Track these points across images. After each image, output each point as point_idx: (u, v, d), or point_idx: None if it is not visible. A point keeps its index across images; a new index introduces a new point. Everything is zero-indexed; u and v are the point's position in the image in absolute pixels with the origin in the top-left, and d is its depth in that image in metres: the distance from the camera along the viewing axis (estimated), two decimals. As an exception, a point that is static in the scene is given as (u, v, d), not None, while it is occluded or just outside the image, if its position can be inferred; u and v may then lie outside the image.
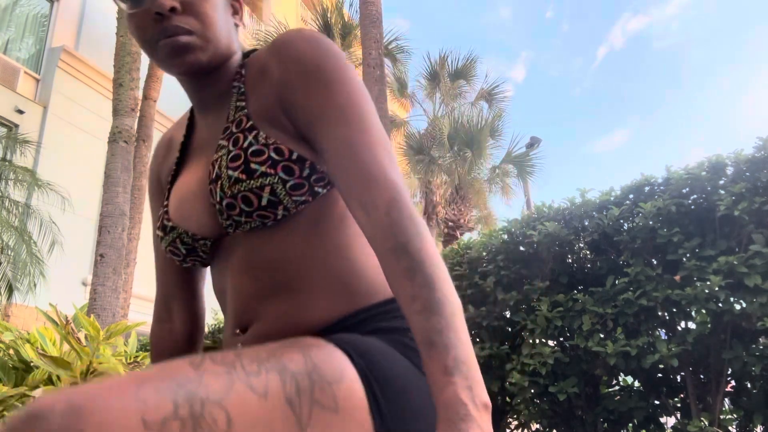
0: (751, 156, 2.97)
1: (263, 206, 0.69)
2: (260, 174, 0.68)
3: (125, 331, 2.05)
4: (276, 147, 0.69)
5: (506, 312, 3.96)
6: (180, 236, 0.77)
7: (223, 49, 0.76)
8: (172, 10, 0.71)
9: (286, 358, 0.58)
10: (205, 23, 0.73)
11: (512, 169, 12.07)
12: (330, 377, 0.58)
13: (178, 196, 0.79)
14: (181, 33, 0.71)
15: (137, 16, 0.72)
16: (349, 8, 11.55)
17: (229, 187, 0.69)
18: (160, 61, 0.74)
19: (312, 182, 0.70)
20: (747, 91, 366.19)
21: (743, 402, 3.02)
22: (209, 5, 0.74)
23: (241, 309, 0.74)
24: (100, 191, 6.14)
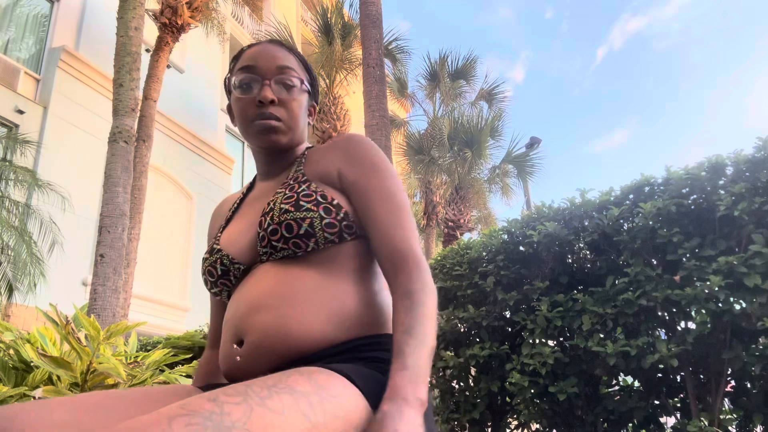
0: (750, 156, 2.97)
1: (300, 234, 0.85)
2: (305, 209, 0.86)
3: (125, 331, 2.05)
4: (322, 193, 0.89)
5: (506, 312, 3.96)
6: (221, 258, 0.94)
7: (297, 138, 1.00)
8: (272, 102, 0.95)
9: (292, 381, 0.67)
10: (292, 116, 0.98)
11: (512, 169, 12.08)
12: (334, 392, 0.68)
13: (229, 232, 0.98)
14: (273, 118, 0.95)
15: (244, 100, 0.97)
16: (349, 8, 11.55)
17: (279, 215, 0.87)
18: (251, 135, 0.97)
19: (343, 226, 0.88)
20: (747, 92, 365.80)
21: (743, 402, 3.02)
22: (297, 104, 0.98)
23: (240, 319, 0.85)
24: (100, 191, 6.15)
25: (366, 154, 0.93)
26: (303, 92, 1.00)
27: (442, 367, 4.16)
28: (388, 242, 0.86)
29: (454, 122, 11.72)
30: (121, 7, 5.97)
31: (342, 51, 11.31)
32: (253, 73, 0.96)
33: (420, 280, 0.82)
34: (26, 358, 2.01)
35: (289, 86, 0.97)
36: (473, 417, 3.83)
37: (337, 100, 11.63)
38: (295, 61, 1.01)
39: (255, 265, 0.91)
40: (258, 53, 0.98)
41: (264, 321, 0.81)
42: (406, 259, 0.84)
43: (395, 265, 0.84)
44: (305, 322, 0.80)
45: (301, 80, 0.99)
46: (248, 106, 0.96)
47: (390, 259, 0.85)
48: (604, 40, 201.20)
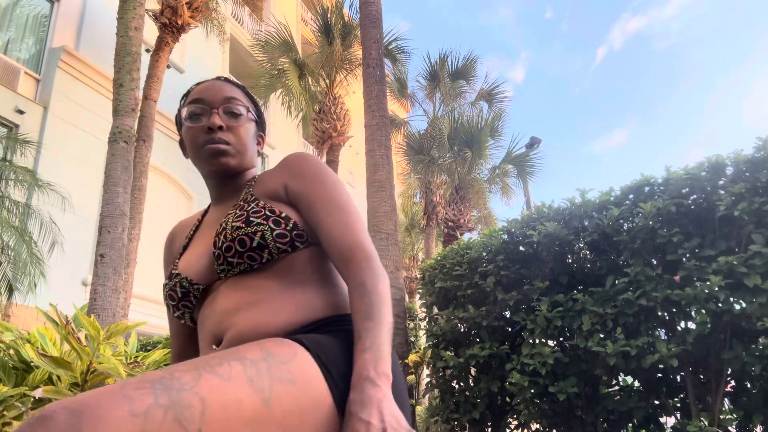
0: (750, 156, 2.97)
1: (253, 247, 0.90)
2: (256, 223, 0.92)
3: (125, 331, 2.05)
4: (270, 208, 0.95)
5: (506, 312, 3.96)
6: (180, 281, 0.98)
7: (247, 162, 1.07)
8: (220, 127, 1.02)
9: (244, 350, 0.73)
10: (239, 141, 1.04)
11: (512, 169, 12.07)
12: (284, 358, 0.74)
13: (187, 255, 1.03)
14: (222, 142, 1.02)
15: (194, 128, 1.03)
16: (349, 8, 11.54)
17: (231, 232, 0.92)
18: (202, 160, 1.03)
19: (293, 236, 0.93)
20: (747, 92, 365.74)
21: (743, 402, 3.02)
22: (244, 130, 1.06)
23: (216, 324, 0.91)
24: (101, 191, 6.15)
25: (308, 167, 0.99)
26: (249, 120, 1.08)
27: (442, 367, 4.16)
28: (335, 241, 0.92)
29: (454, 122, 11.72)
30: (121, 8, 5.97)
31: (342, 51, 11.30)
32: (201, 104, 1.04)
33: (369, 269, 0.88)
34: (26, 358, 2.02)
35: (235, 114, 1.05)
36: (473, 417, 3.83)
37: (337, 100, 11.63)
38: (241, 94, 1.09)
39: (214, 284, 0.96)
40: (206, 88, 1.06)
41: (240, 320, 0.88)
42: (353, 252, 0.90)
43: (345, 259, 0.90)
44: (273, 314, 0.88)
45: (247, 108, 1.07)
46: (198, 134, 1.03)
47: (340, 256, 0.91)
48: (604, 40, 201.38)
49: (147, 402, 0.60)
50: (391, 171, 6.17)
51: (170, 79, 10.04)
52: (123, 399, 0.59)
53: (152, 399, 0.60)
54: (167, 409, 0.60)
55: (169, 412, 0.60)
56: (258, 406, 0.67)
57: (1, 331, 2.21)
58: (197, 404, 0.62)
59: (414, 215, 18.02)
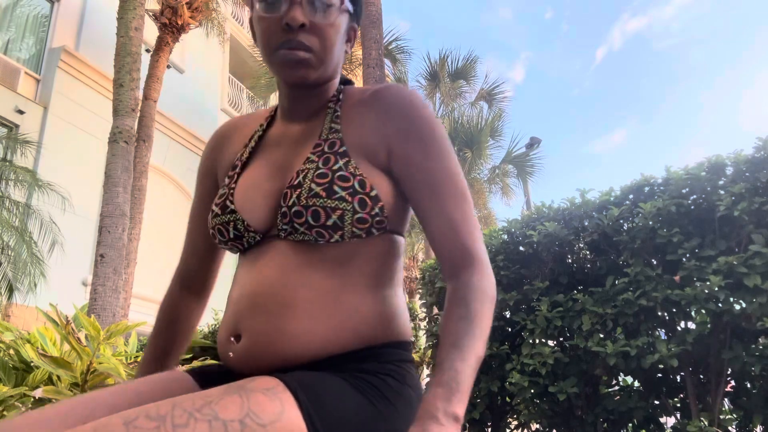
0: (750, 156, 2.97)
1: (327, 225, 0.74)
2: (339, 198, 0.74)
3: (125, 331, 2.05)
4: (361, 180, 0.76)
5: (506, 312, 3.96)
6: (235, 221, 0.81)
7: (330, 71, 0.83)
8: (302, 26, 0.77)
9: (221, 405, 0.61)
10: (325, 46, 0.80)
11: (512, 169, 12.08)
12: (264, 419, 0.61)
13: (246, 185, 0.84)
14: (301, 48, 0.78)
15: (268, 20, 0.79)
16: (349, 8, 11.54)
17: (306, 197, 0.75)
18: (274, 65, 0.81)
19: (374, 222, 0.77)
20: (747, 92, 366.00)
21: (743, 402, 3.02)
22: (333, 30, 0.80)
23: (238, 316, 0.78)
24: (101, 191, 6.14)
25: (422, 126, 0.79)
26: (342, 13, 0.82)
27: (442, 367, 4.16)
28: (452, 239, 0.76)
29: (454, 122, 11.72)
30: (121, 8, 5.97)
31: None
32: None
33: (480, 288, 0.74)
34: (26, 358, 2.02)
35: (325, 5, 0.79)
36: (473, 417, 3.83)
37: (337, 100, 11.63)
38: None
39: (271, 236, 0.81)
40: None
41: (261, 327, 0.75)
42: (469, 260, 0.76)
43: (456, 265, 0.76)
44: (299, 338, 0.74)
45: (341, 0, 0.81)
46: (273, 30, 0.79)
47: (451, 257, 0.76)
48: (604, 41, 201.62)
49: None
50: (391, 171, 6.17)
51: (170, 79, 10.04)
52: None
53: None
54: None
55: None
56: None
57: (1, 331, 2.21)
58: None
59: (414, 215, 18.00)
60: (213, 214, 0.85)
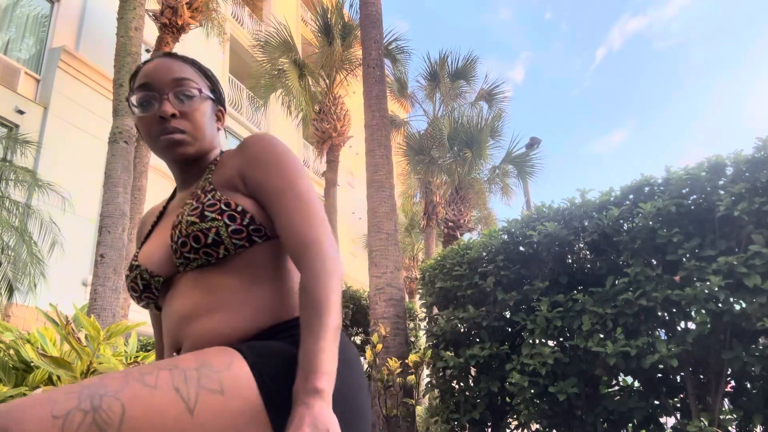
0: (750, 156, 2.97)
1: (208, 244, 0.88)
2: (210, 219, 0.89)
3: (125, 331, 2.05)
4: (226, 201, 0.91)
5: (506, 312, 3.96)
6: (141, 273, 0.96)
7: (206, 145, 1.01)
8: (173, 115, 0.96)
9: (180, 359, 0.75)
10: (195, 126, 0.98)
11: (512, 170, 12.06)
12: (217, 368, 0.75)
13: (149, 245, 1.00)
14: (177, 132, 0.96)
15: (146, 118, 0.97)
16: (349, 9, 11.54)
17: (186, 227, 0.89)
18: (159, 150, 0.98)
19: (250, 231, 0.90)
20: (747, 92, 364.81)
21: (743, 402, 3.02)
22: (199, 113, 0.99)
23: (176, 331, 0.90)
24: (101, 191, 6.14)
25: (265, 153, 0.93)
26: (204, 100, 1.01)
27: (442, 368, 4.16)
28: (288, 236, 0.88)
29: (454, 122, 11.71)
30: (121, 8, 5.97)
31: (342, 51, 11.30)
32: (150, 90, 0.97)
33: (314, 267, 0.84)
34: (26, 358, 2.02)
35: (188, 96, 0.98)
36: (473, 417, 3.83)
37: (337, 100, 11.63)
38: (191, 71, 1.01)
39: (175, 275, 0.94)
40: (153, 69, 0.99)
41: (196, 329, 0.87)
42: (305, 249, 0.86)
43: (297, 256, 0.87)
44: (230, 323, 0.86)
45: (200, 89, 1.00)
46: (151, 124, 0.97)
47: (293, 252, 0.88)
48: (604, 41, 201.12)
49: (69, 406, 0.65)
50: (391, 171, 6.17)
51: (170, 79, 10.02)
52: (48, 402, 0.65)
53: (75, 403, 0.66)
54: (87, 413, 0.65)
55: (88, 415, 0.65)
56: (181, 413, 0.69)
57: (1, 331, 2.21)
58: (117, 409, 0.67)
59: (414, 215, 18.02)
60: (125, 276, 1.01)
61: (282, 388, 0.77)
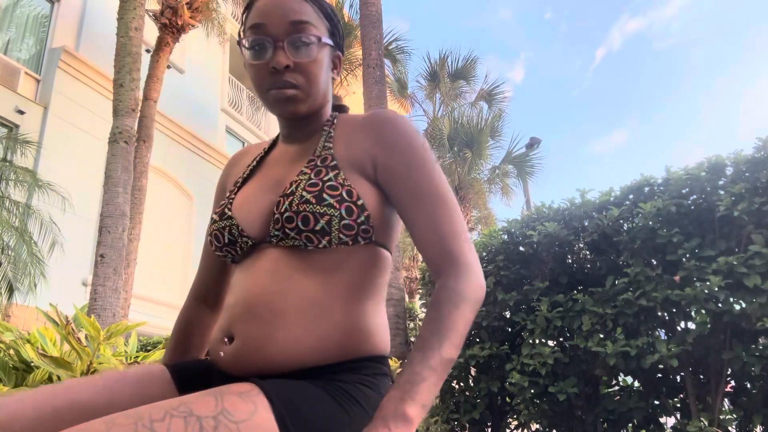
0: (750, 156, 2.97)
1: (315, 230, 0.80)
2: (327, 204, 0.80)
3: (125, 331, 2.05)
4: (349, 189, 0.82)
5: (506, 312, 3.96)
6: (231, 226, 0.88)
7: (319, 101, 0.92)
8: (287, 67, 0.86)
9: (196, 404, 0.65)
10: (310, 81, 0.89)
11: (512, 170, 12.07)
12: (237, 417, 0.65)
13: (244, 196, 0.91)
14: (288, 87, 0.87)
15: (257, 66, 0.89)
16: (349, 9, 11.55)
17: (298, 204, 0.81)
18: (268, 104, 0.91)
19: (360, 230, 0.82)
20: (747, 92, 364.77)
21: (743, 402, 3.02)
22: (316, 65, 0.89)
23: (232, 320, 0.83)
24: (101, 191, 6.14)
25: (405, 139, 0.85)
26: (323, 48, 0.90)
27: (442, 368, 4.16)
28: (434, 243, 0.81)
29: (454, 122, 11.71)
30: (121, 8, 5.97)
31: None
32: (264, 34, 0.87)
33: (456, 290, 0.76)
34: (26, 358, 2.02)
35: (306, 44, 0.88)
36: (473, 417, 3.83)
37: (337, 100, 11.62)
38: (311, 11, 0.90)
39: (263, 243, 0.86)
40: (269, 7, 0.88)
41: (252, 332, 0.79)
42: (450, 262, 0.79)
43: (439, 268, 0.80)
44: (286, 348, 0.78)
45: (319, 37, 0.89)
46: (262, 74, 0.88)
47: (434, 261, 0.81)
48: (603, 41, 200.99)
49: None
50: (391, 171, 6.16)
51: (170, 79, 10.05)
52: None
53: None
54: None
55: None
56: None
57: (2, 331, 2.21)
58: None
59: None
60: (212, 221, 0.93)
61: None
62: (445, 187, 0.85)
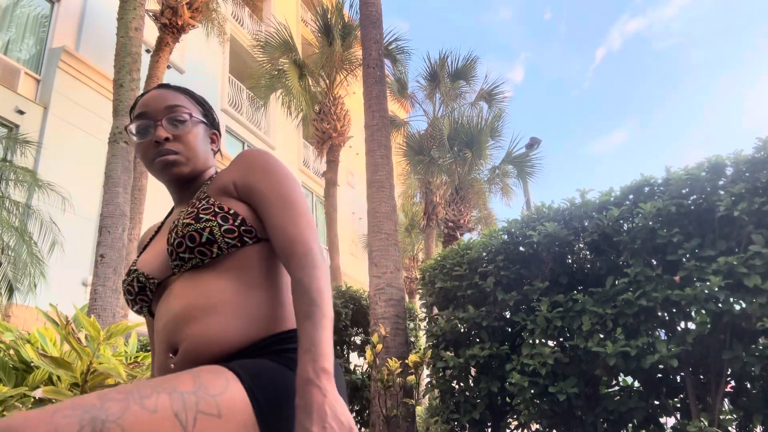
0: (750, 157, 2.97)
1: (203, 242, 0.93)
2: (204, 220, 0.95)
3: (125, 331, 2.05)
4: (219, 205, 0.98)
5: (506, 312, 3.96)
6: (137, 276, 1.02)
7: (200, 165, 1.09)
8: (166, 139, 1.05)
9: (178, 381, 0.77)
10: (188, 148, 1.07)
11: (512, 170, 12.06)
12: (214, 392, 0.77)
13: (146, 254, 1.07)
14: (170, 153, 1.05)
15: (143, 144, 1.06)
16: (349, 9, 11.54)
17: (182, 229, 0.95)
18: (157, 172, 1.06)
19: (241, 231, 0.96)
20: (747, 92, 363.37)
21: (743, 402, 3.02)
22: (192, 135, 1.08)
23: (172, 332, 0.92)
24: (101, 191, 6.14)
25: (258, 162, 1.01)
26: (196, 124, 1.10)
27: (442, 368, 4.16)
28: (278, 235, 0.94)
29: (454, 122, 11.70)
30: (121, 8, 5.97)
31: (342, 51, 11.30)
32: (145, 119, 1.07)
33: (307, 264, 0.89)
34: (26, 358, 2.02)
35: (180, 121, 1.07)
36: (473, 417, 3.83)
37: (337, 100, 11.63)
38: (184, 98, 1.11)
39: (169, 279, 0.99)
40: (148, 99, 1.08)
41: (193, 331, 0.90)
42: (293, 246, 0.92)
43: (286, 255, 0.92)
44: (226, 329, 0.90)
45: (191, 114, 1.09)
46: (148, 149, 1.06)
47: (282, 251, 0.94)
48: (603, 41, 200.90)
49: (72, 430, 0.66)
50: (391, 171, 6.17)
51: (170, 79, 10.05)
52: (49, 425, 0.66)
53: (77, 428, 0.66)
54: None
55: None
56: None
57: (2, 331, 2.21)
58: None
59: (414, 215, 18.02)
60: (123, 282, 1.07)
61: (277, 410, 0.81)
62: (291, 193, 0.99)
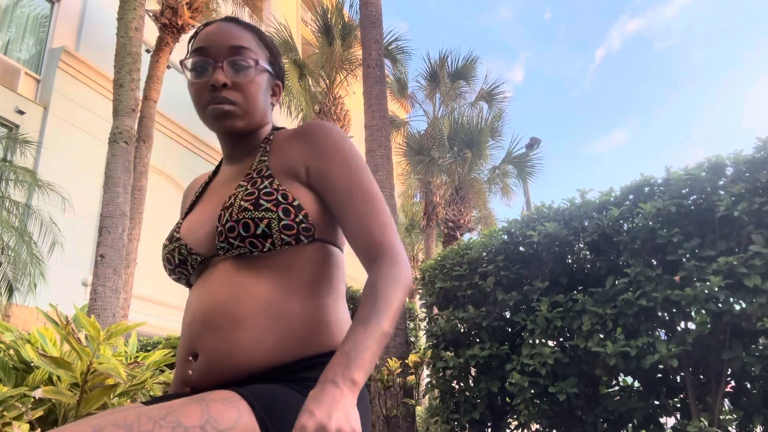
0: (750, 157, 2.97)
1: (257, 234, 0.84)
2: (265, 208, 0.84)
3: (126, 331, 2.05)
4: (283, 193, 0.87)
5: (506, 312, 3.96)
6: (179, 247, 0.93)
7: (257, 120, 0.97)
8: (224, 85, 0.92)
9: (183, 413, 0.68)
10: (247, 99, 0.94)
11: (512, 170, 12.07)
12: (223, 426, 0.68)
13: (191, 219, 0.97)
14: (226, 102, 0.92)
15: (197, 84, 0.94)
16: (349, 9, 11.54)
17: (237, 213, 0.85)
18: (208, 120, 0.95)
19: (300, 229, 0.86)
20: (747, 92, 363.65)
21: (743, 402, 3.02)
22: (253, 86, 0.95)
23: (196, 333, 0.85)
24: (101, 192, 6.14)
25: (333, 145, 0.90)
26: (260, 72, 0.96)
27: (442, 368, 4.16)
28: (358, 236, 0.86)
29: (454, 123, 11.71)
30: (121, 8, 5.97)
31: (342, 51, 11.30)
32: (205, 56, 0.94)
33: (389, 273, 0.81)
34: (26, 358, 2.02)
35: (243, 67, 0.94)
36: (473, 417, 3.83)
37: (337, 100, 11.63)
38: (252, 40, 0.97)
39: (213, 258, 0.91)
40: (211, 34, 0.95)
41: (216, 343, 0.82)
42: (380, 252, 0.84)
43: (368, 257, 0.85)
44: (251, 349, 0.81)
45: (257, 60, 0.95)
46: (202, 91, 0.94)
47: (364, 251, 0.86)
48: (603, 41, 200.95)
49: None
50: (391, 171, 6.17)
51: (170, 79, 10.05)
52: None
53: None
54: None
55: None
56: None
57: (2, 331, 2.21)
58: None
59: (414, 215, 18.03)
60: (163, 246, 0.98)
61: None
62: (371, 186, 0.90)
